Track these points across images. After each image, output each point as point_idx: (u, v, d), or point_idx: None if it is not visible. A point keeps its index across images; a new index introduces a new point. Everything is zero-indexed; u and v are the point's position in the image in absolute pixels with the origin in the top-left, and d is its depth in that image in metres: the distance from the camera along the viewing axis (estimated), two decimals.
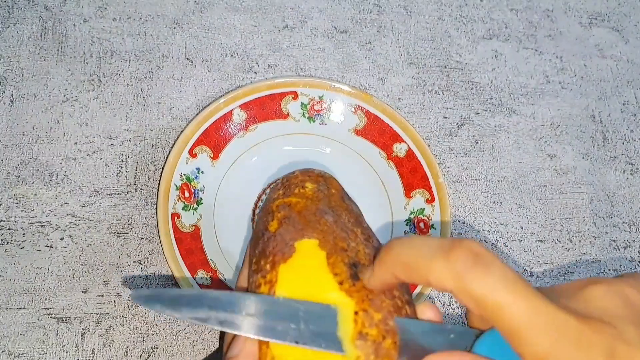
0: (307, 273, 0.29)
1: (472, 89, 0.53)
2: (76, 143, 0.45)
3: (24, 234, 0.41)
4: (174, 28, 0.51)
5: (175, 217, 0.42)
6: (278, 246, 0.30)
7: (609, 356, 0.21)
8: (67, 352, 0.38)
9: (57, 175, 0.44)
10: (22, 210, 0.42)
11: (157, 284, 0.41)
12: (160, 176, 0.43)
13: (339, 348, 0.25)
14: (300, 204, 0.33)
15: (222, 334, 0.40)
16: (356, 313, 0.26)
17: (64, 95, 0.47)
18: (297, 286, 0.28)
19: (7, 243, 0.41)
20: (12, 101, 0.46)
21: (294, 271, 0.29)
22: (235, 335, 0.28)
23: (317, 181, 0.35)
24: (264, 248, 0.31)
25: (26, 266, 0.40)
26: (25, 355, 0.38)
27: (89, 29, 0.50)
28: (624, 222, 0.50)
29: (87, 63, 0.48)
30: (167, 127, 0.47)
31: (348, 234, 0.31)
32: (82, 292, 0.40)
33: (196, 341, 0.40)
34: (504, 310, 0.22)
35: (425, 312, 0.27)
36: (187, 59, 0.50)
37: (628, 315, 0.23)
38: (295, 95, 0.48)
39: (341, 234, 0.31)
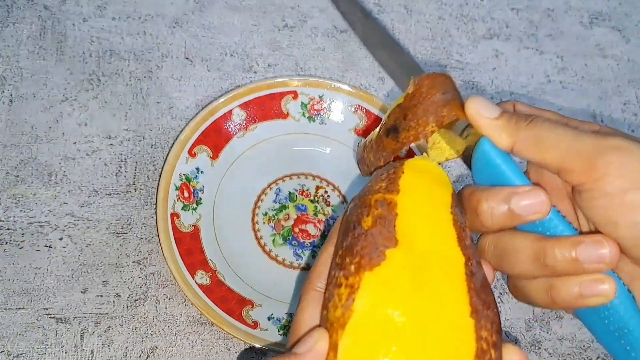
0: (393, 287, 0.26)
1: (472, 88, 0.53)
2: (75, 143, 0.45)
3: (22, 234, 0.41)
4: (174, 27, 0.51)
5: (175, 217, 0.42)
6: (367, 248, 0.27)
7: None
8: (66, 353, 0.38)
9: (56, 175, 0.44)
10: (21, 210, 0.42)
11: (156, 284, 0.41)
12: (160, 176, 0.43)
13: None
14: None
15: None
16: None
17: (63, 95, 0.47)
18: (380, 301, 0.25)
19: (6, 243, 0.41)
20: (11, 101, 0.46)
21: (379, 282, 0.26)
22: (306, 330, 0.26)
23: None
24: (352, 244, 0.28)
25: (25, 266, 0.40)
26: (24, 355, 0.38)
27: (88, 28, 0.50)
28: None
29: (86, 62, 0.48)
30: (167, 126, 0.47)
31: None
32: (81, 292, 0.40)
33: (195, 342, 0.40)
34: None
35: (513, 356, 0.27)
36: (187, 58, 0.50)
37: None
38: (295, 95, 0.48)
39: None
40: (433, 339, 0.25)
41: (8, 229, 0.41)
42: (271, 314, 0.40)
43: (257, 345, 0.38)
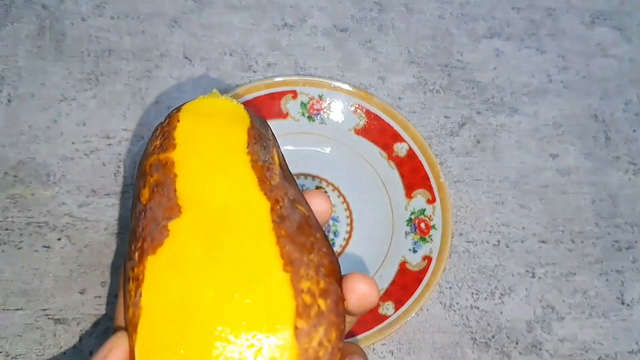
0: (181, 267, 0.21)
1: (473, 88, 0.53)
2: (74, 142, 0.45)
3: (21, 234, 0.41)
4: (173, 27, 0.51)
5: None
6: (148, 227, 0.23)
7: None
8: (64, 354, 0.38)
9: (55, 175, 0.43)
10: (19, 211, 0.42)
11: None
12: None
13: None
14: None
15: None
16: None
17: (62, 94, 0.46)
18: (167, 289, 0.21)
19: (4, 244, 0.41)
20: (9, 100, 0.45)
21: (165, 266, 0.22)
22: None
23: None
24: (134, 227, 0.23)
25: (23, 267, 0.40)
26: (22, 356, 0.38)
27: (87, 27, 0.49)
28: (626, 223, 0.50)
29: (85, 62, 0.48)
30: None
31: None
32: (80, 293, 0.40)
33: None
34: None
35: (358, 285, 0.23)
36: (186, 57, 0.50)
37: None
38: (294, 95, 0.47)
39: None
40: (238, 315, 0.21)
41: (6, 229, 0.41)
42: None
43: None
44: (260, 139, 0.26)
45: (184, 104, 0.26)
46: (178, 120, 0.25)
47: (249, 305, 0.21)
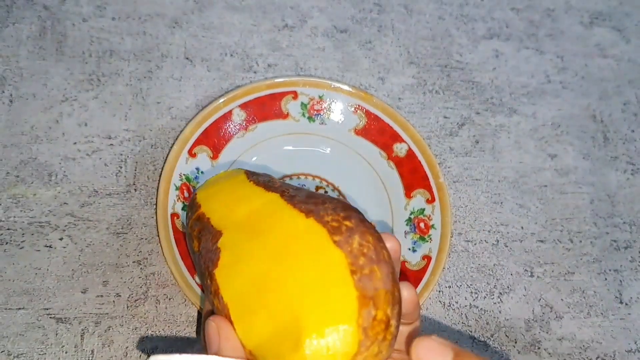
0: (240, 262, 0.28)
1: (472, 88, 0.53)
2: (75, 143, 0.45)
3: (23, 234, 0.41)
4: (174, 27, 0.51)
5: (175, 218, 0.42)
6: (205, 257, 0.30)
7: None
8: (66, 353, 0.38)
9: (56, 175, 0.44)
10: (21, 210, 0.42)
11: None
12: (160, 176, 0.43)
13: None
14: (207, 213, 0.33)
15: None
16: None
17: (63, 95, 0.47)
18: (237, 280, 0.27)
19: (6, 243, 0.41)
20: (11, 101, 0.46)
21: (228, 266, 0.28)
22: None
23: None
24: (198, 271, 0.31)
25: (25, 266, 0.40)
26: (24, 355, 0.38)
27: (88, 28, 0.50)
28: (624, 223, 0.50)
29: (86, 62, 0.48)
30: (167, 126, 0.47)
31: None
32: (82, 292, 0.40)
33: (196, 342, 0.40)
34: None
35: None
36: (187, 58, 0.50)
37: None
38: (295, 95, 0.48)
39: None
40: (296, 274, 0.26)
41: (8, 229, 0.41)
42: None
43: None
44: (258, 174, 0.35)
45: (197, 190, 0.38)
46: (196, 194, 0.36)
47: (304, 264, 0.26)
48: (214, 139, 0.45)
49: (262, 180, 0.33)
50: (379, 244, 0.26)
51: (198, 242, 0.32)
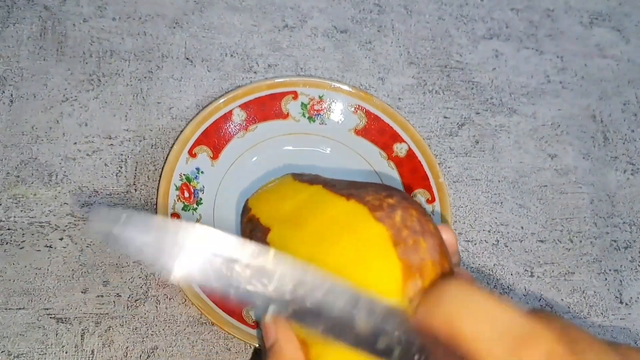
0: (295, 243, 0.29)
1: (472, 88, 0.53)
2: (76, 143, 0.45)
3: (23, 234, 0.41)
4: (174, 28, 0.51)
5: (175, 218, 0.42)
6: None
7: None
8: (66, 353, 0.38)
9: (57, 176, 0.44)
10: (21, 211, 0.42)
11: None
12: (160, 176, 0.43)
13: None
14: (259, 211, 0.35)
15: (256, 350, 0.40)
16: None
17: (64, 95, 0.47)
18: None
19: (7, 243, 0.41)
20: (11, 101, 0.46)
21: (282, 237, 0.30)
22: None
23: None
24: None
25: (25, 266, 0.40)
26: (24, 355, 0.38)
27: (89, 28, 0.50)
28: (624, 223, 0.50)
29: (86, 63, 0.48)
30: (167, 127, 0.47)
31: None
32: (82, 292, 0.40)
33: (196, 342, 0.40)
34: None
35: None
36: (187, 58, 0.50)
37: None
38: (295, 95, 0.48)
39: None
40: (344, 242, 0.26)
41: (8, 229, 0.41)
42: None
43: (258, 345, 0.38)
44: (304, 174, 0.37)
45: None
46: (247, 200, 0.39)
47: (346, 242, 0.26)
48: (214, 139, 0.45)
49: (307, 178, 0.34)
50: (424, 217, 0.26)
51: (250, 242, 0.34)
